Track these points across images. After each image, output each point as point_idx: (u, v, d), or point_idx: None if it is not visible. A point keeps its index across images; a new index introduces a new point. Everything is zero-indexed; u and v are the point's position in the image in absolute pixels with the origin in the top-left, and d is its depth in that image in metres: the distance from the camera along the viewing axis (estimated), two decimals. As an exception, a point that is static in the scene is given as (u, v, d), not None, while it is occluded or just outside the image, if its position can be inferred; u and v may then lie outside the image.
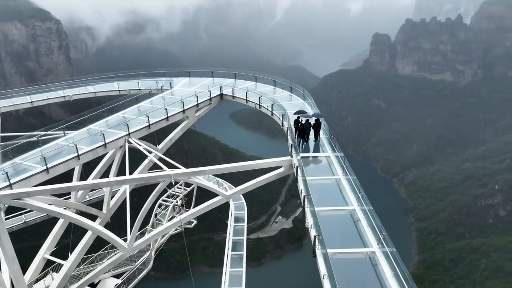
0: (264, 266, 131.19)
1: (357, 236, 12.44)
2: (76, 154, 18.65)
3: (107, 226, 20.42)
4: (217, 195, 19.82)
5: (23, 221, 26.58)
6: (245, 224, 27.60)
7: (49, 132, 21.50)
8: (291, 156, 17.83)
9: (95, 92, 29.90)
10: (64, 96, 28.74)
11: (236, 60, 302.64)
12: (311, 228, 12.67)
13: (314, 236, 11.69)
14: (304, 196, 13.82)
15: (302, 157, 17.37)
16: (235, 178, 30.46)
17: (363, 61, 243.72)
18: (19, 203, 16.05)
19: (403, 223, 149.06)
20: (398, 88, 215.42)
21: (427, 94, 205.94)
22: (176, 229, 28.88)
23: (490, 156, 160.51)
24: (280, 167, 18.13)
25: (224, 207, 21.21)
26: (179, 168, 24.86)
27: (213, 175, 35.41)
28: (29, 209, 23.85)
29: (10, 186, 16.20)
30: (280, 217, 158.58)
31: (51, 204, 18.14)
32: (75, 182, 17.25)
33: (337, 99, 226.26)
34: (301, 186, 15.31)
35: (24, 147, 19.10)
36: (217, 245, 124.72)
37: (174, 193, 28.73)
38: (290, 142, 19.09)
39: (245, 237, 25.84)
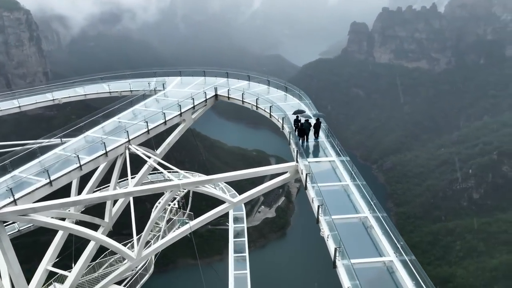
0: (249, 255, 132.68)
1: (373, 244, 12.81)
2: (78, 165, 18.28)
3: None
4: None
5: (17, 230, 25.83)
6: (244, 225, 27.80)
7: (46, 141, 20.89)
8: (297, 162, 18.04)
9: (85, 95, 29.10)
10: (53, 99, 27.85)
11: (216, 49, 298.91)
12: (328, 238, 12.91)
13: (335, 249, 11.91)
14: (318, 206, 13.97)
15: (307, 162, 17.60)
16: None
17: (341, 50, 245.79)
18: (25, 220, 15.69)
19: (382, 208, 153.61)
20: (376, 76, 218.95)
21: (404, 82, 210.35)
22: (174, 232, 28.98)
23: (464, 141, 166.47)
24: (285, 172, 18.30)
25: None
26: (174, 170, 24.85)
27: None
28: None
29: (14, 202, 15.76)
30: (263, 206, 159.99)
31: (53, 217, 17.77)
32: (82, 196, 16.88)
33: (317, 88, 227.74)
34: (312, 194, 15.45)
35: (22, 158, 18.52)
36: (200, 237, 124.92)
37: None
38: (293, 147, 19.29)
39: (246, 239, 26.09)
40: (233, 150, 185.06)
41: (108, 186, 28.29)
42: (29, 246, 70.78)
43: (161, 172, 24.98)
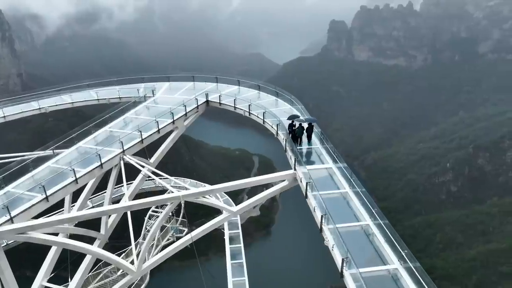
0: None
1: (377, 253, 13.15)
2: (73, 178, 17.94)
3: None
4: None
5: (5, 244, 24.98)
6: (239, 231, 27.88)
7: (38, 153, 20.37)
8: (294, 169, 18.27)
9: (72, 103, 28.45)
10: (39, 108, 27.10)
11: (195, 49, 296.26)
12: (333, 248, 13.16)
13: (342, 259, 12.18)
14: (322, 216, 14.22)
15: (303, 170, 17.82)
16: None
17: (321, 48, 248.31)
18: (23, 238, 15.29)
19: (383, 215, 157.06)
20: (355, 74, 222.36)
21: (383, 79, 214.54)
22: (168, 239, 28.78)
23: (441, 136, 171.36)
24: (283, 180, 18.49)
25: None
26: (166, 178, 24.69)
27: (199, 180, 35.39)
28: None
29: (11, 220, 15.35)
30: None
31: (46, 233, 17.34)
32: (82, 212, 16.52)
33: (298, 86, 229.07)
34: (313, 203, 15.65)
35: (15, 172, 18.02)
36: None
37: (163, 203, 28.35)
38: (290, 154, 19.49)
39: (242, 245, 26.17)
40: (216, 150, 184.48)
41: (101, 193, 27.87)
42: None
43: (153, 179, 24.81)
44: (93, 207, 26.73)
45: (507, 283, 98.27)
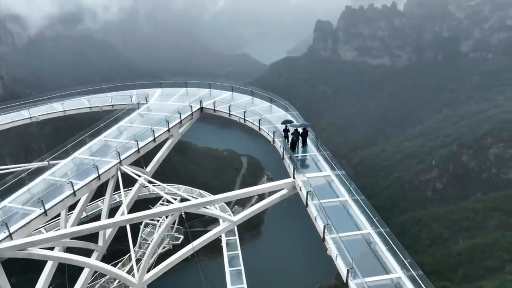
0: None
1: (379, 261, 13.43)
2: (71, 191, 17.73)
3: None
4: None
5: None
6: (236, 237, 27.92)
7: (33, 165, 20.03)
8: (294, 178, 18.45)
9: (64, 111, 28.00)
10: (30, 117, 26.62)
11: (181, 49, 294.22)
12: (336, 258, 13.37)
13: (347, 270, 12.41)
14: (324, 226, 14.41)
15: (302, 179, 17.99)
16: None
17: (307, 48, 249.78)
18: (23, 254, 15.05)
19: (384, 223, 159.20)
20: (341, 73, 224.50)
21: (368, 78, 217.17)
22: (164, 247, 28.68)
23: (426, 134, 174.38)
24: (282, 189, 18.63)
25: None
26: (160, 185, 24.60)
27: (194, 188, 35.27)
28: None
29: (10, 236, 15.09)
30: (236, 206, 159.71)
31: (43, 247, 17.03)
32: (83, 226, 16.22)
33: (285, 86, 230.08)
34: (314, 212, 15.84)
35: (11, 186, 17.69)
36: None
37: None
38: (288, 162, 19.66)
39: (239, 251, 26.23)
40: (204, 151, 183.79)
41: (97, 201, 27.59)
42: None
43: (147, 186, 24.71)
44: (88, 217, 26.43)
45: (492, 276, 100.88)
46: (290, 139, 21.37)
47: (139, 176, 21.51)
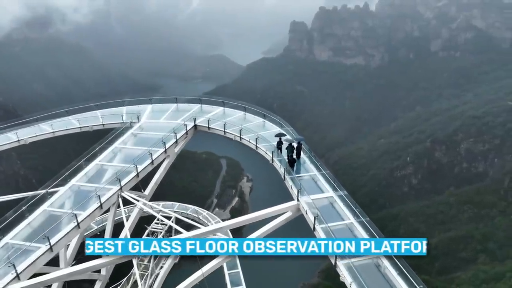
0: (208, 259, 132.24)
1: (390, 286, 13.95)
2: (75, 223, 17.36)
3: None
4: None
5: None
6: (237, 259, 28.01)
7: (29, 193, 19.41)
8: (298, 200, 18.78)
9: (53, 132, 27.21)
10: (18, 140, 25.74)
11: (155, 51, 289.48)
12: (350, 286, 13.77)
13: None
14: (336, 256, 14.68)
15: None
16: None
17: (283, 49, 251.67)
18: (29, 293, 14.64)
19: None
20: (317, 73, 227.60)
21: (343, 78, 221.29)
22: (161, 266, 28.44)
23: (400, 131, 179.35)
24: (287, 211, 18.90)
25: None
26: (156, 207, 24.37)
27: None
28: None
29: (17, 277, 14.63)
30: (217, 209, 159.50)
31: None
32: (93, 262, 15.50)
33: (262, 87, 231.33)
34: (323, 236, 16.26)
35: (11, 221, 17.12)
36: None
37: (154, 230, 28.03)
38: (290, 183, 19.95)
39: (240, 270, 26.36)
40: (182, 154, 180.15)
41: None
42: None
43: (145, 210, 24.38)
44: (92, 232, 25.84)
45: (467, 267, 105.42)
46: (283, 152, 21.87)
47: (138, 200, 21.32)
